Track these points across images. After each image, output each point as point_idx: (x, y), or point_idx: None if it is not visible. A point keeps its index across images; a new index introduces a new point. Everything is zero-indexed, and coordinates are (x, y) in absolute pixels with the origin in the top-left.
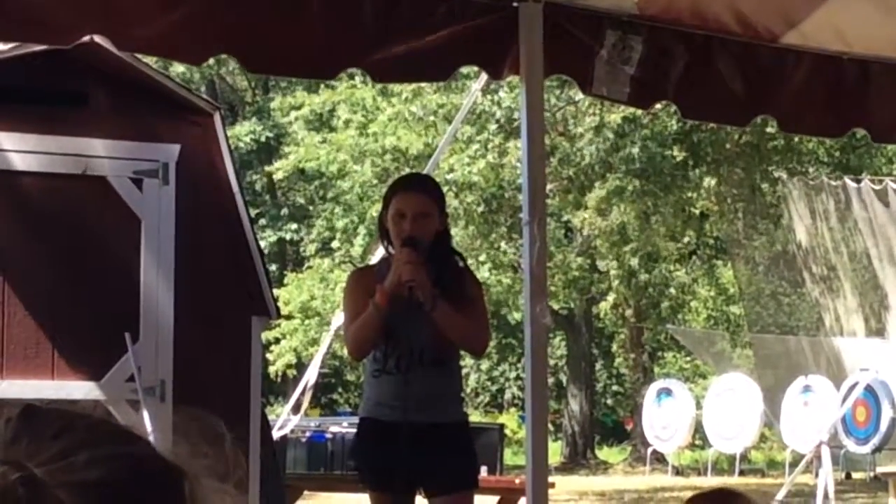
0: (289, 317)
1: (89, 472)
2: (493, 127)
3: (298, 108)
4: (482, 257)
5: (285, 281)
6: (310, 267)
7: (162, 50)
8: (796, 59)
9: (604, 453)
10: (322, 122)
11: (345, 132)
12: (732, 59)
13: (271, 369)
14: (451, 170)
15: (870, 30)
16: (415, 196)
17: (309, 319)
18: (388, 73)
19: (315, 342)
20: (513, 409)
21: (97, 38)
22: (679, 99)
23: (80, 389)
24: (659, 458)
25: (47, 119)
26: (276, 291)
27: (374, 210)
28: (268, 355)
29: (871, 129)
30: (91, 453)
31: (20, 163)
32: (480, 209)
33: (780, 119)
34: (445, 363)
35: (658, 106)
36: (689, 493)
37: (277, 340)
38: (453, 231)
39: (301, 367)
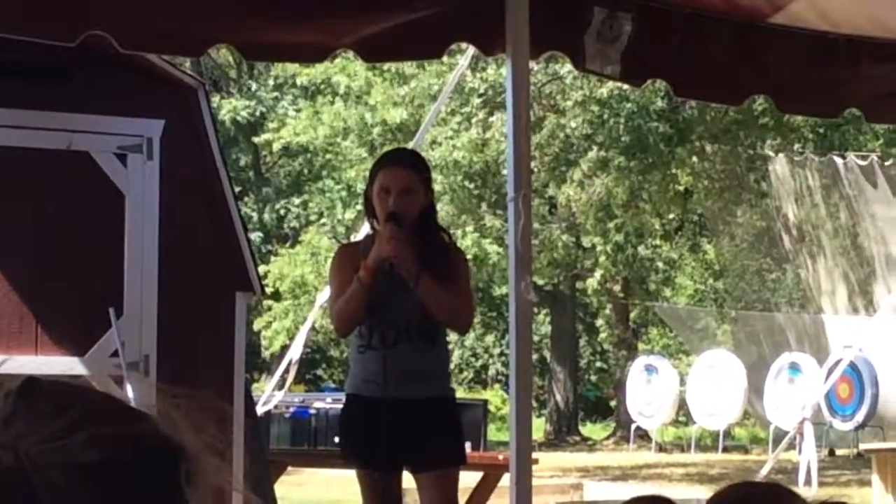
0: (279, 297)
1: (86, 454)
2: (476, 101)
3: (289, 85)
4: (469, 228)
5: (275, 257)
6: (299, 242)
7: (163, 46)
8: (789, 39)
9: (588, 430)
10: (310, 96)
11: (332, 107)
12: (726, 38)
13: (266, 353)
14: (434, 142)
15: (851, 10)
16: (400, 172)
17: (299, 299)
18: (378, 52)
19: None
20: (497, 385)
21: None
22: (672, 77)
23: (63, 365)
24: (643, 435)
25: (30, 94)
26: (265, 268)
27: (362, 185)
28: (262, 339)
29: (864, 108)
30: (89, 433)
31: (2, 138)
32: (466, 185)
33: (775, 99)
34: (431, 338)
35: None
36: (672, 470)
37: (270, 324)
38: (439, 207)
39: None
